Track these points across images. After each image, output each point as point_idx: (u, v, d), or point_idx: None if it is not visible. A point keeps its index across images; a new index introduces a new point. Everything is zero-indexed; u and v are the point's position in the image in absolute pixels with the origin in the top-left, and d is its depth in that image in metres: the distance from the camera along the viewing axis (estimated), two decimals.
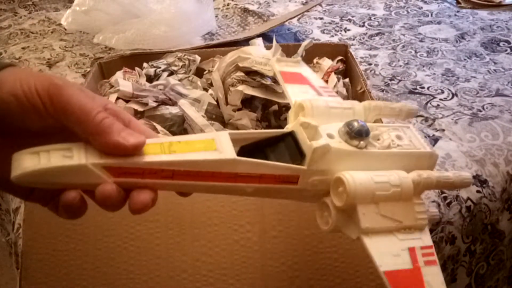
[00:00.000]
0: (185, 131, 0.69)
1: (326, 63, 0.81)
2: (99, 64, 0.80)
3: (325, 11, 1.23)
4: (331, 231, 0.37)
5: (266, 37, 0.95)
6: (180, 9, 1.01)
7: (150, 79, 0.79)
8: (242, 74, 0.71)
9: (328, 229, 0.38)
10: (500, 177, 0.69)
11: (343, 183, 0.36)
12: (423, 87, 0.89)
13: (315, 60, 0.82)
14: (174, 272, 0.51)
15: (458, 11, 1.21)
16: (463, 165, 0.69)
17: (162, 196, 0.34)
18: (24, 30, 1.17)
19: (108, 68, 0.81)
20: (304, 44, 0.78)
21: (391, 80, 0.92)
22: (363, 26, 1.15)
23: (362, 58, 1.00)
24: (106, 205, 0.32)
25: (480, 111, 0.81)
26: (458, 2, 1.26)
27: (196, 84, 0.77)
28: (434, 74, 0.93)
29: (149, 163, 0.32)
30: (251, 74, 0.71)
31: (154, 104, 0.69)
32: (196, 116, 0.66)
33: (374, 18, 1.19)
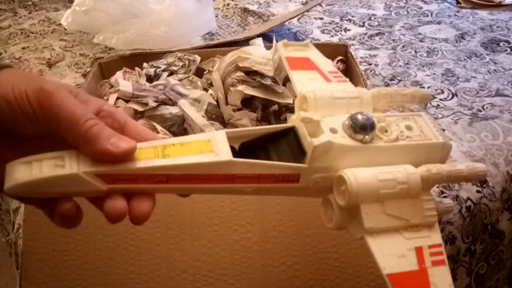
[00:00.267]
0: (185, 131, 0.69)
1: None
2: (99, 64, 0.80)
3: (325, 11, 1.23)
4: (335, 229, 0.36)
5: (266, 37, 0.95)
6: (180, 9, 1.01)
7: (150, 79, 0.78)
8: (242, 74, 0.71)
9: (332, 227, 0.36)
10: (500, 177, 0.69)
11: (345, 182, 0.34)
12: (423, 87, 0.89)
13: None
14: (174, 272, 0.51)
15: (458, 11, 1.21)
16: None
17: (162, 196, 0.34)
18: (24, 30, 1.17)
19: (108, 68, 0.81)
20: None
21: (391, 80, 0.92)
22: (363, 26, 1.15)
23: (362, 58, 1.00)
24: (117, 221, 0.32)
25: (480, 111, 0.81)
26: (458, 2, 1.26)
27: (196, 84, 0.77)
28: (434, 74, 0.93)
29: (141, 169, 0.32)
30: (251, 74, 0.71)
31: (154, 104, 0.69)
32: (196, 116, 0.66)
33: (374, 18, 1.19)
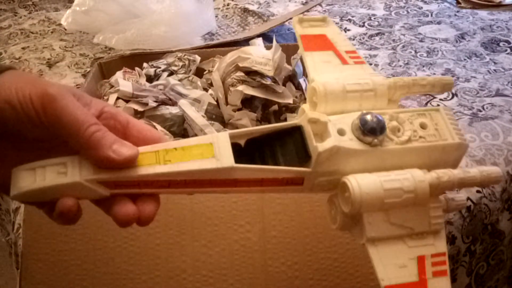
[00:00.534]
0: (185, 131, 0.69)
1: None
2: (99, 64, 0.80)
3: (325, 11, 1.23)
4: (339, 230, 0.36)
5: (266, 37, 0.95)
6: (180, 9, 1.01)
7: (150, 79, 0.78)
8: (242, 74, 0.71)
9: (336, 228, 0.36)
10: None
11: (348, 189, 0.33)
12: None
13: None
14: (174, 272, 0.51)
15: (458, 11, 1.21)
16: (463, 165, 0.69)
17: (162, 196, 0.34)
18: (24, 30, 1.17)
19: (108, 68, 0.81)
20: None
21: None
22: (363, 26, 1.15)
23: None
24: (127, 225, 0.32)
25: (480, 111, 0.81)
26: (458, 2, 1.26)
27: (196, 84, 0.77)
28: (434, 74, 0.93)
29: (143, 175, 0.32)
30: (251, 74, 0.71)
31: (154, 104, 0.69)
32: (196, 116, 0.66)
33: (374, 18, 1.19)
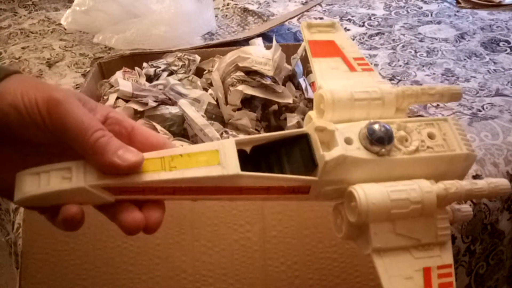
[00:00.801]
0: (185, 131, 0.69)
1: None
2: (99, 64, 0.80)
3: (325, 11, 1.23)
4: (344, 239, 0.35)
5: (266, 37, 0.95)
6: (180, 9, 1.01)
7: (150, 79, 0.78)
8: (242, 74, 0.71)
9: (341, 237, 0.35)
10: (499, 177, 0.69)
11: (355, 199, 0.33)
12: None
13: None
14: (173, 272, 0.51)
15: (458, 11, 1.21)
16: None
17: None
18: (24, 30, 1.17)
19: (108, 68, 0.81)
20: (304, 44, 0.78)
21: (391, 80, 0.91)
22: (363, 26, 1.15)
23: None
24: (134, 233, 0.32)
25: (480, 111, 0.81)
26: (458, 2, 1.26)
27: (196, 84, 0.77)
28: (434, 74, 0.93)
29: (148, 182, 0.31)
30: (251, 74, 0.71)
31: (154, 104, 0.69)
32: (196, 116, 0.66)
33: (374, 18, 1.19)
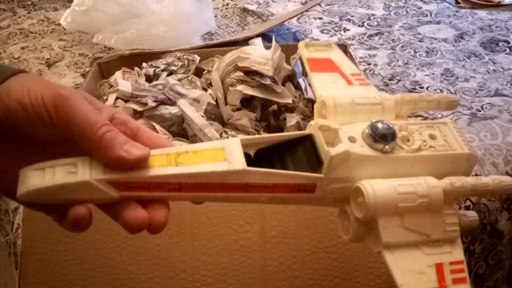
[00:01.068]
0: (184, 131, 0.69)
1: None
2: (98, 64, 0.80)
3: (324, 11, 1.23)
4: (352, 241, 0.35)
5: (266, 37, 0.95)
6: (179, 9, 1.01)
7: (149, 79, 0.78)
8: (242, 74, 0.71)
9: (349, 238, 0.35)
10: None
11: (362, 194, 0.33)
12: (422, 87, 0.89)
13: None
14: (173, 272, 0.51)
15: (457, 11, 1.21)
16: None
17: None
18: (23, 30, 1.17)
19: (107, 68, 0.81)
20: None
21: (390, 80, 0.92)
22: (362, 26, 1.15)
23: (361, 58, 1.00)
24: (138, 231, 0.32)
25: (479, 111, 0.81)
26: (457, 2, 1.26)
27: (196, 84, 0.77)
28: (433, 74, 0.93)
29: (154, 177, 0.31)
30: (251, 74, 0.71)
31: (153, 104, 0.69)
32: (195, 116, 0.66)
33: (373, 18, 1.19)
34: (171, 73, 0.80)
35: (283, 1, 1.29)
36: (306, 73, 0.82)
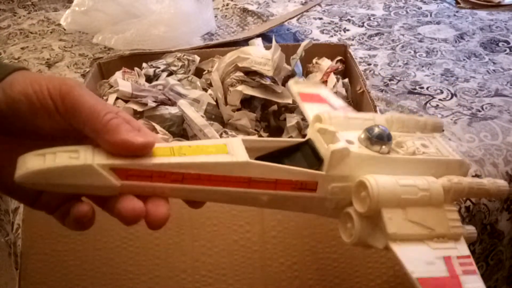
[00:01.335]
0: (184, 131, 0.69)
1: (325, 63, 0.81)
2: (98, 64, 0.80)
3: (324, 11, 1.23)
4: (355, 243, 0.35)
5: (266, 37, 0.95)
6: (179, 9, 1.01)
7: (149, 79, 0.78)
8: (242, 74, 0.71)
9: (352, 241, 0.35)
10: (499, 177, 0.70)
11: (365, 186, 0.34)
12: (422, 87, 0.89)
13: (314, 60, 0.82)
14: (173, 272, 0.51)
15: (457, 11, 1.21)
16: None
17: None
18: (23, 30, 1.17)
19: (107, 68, 0.81)
20: (303, 44, 0.78)
21: (390, 80, 0.92)
22: (363, 26, 1.15)
23: (361, 58, 1.00)
24: (133, 222, 0.32)
25: (479, 111, 0.81)
26: (457, 2, 1.26)
27: (196, 84, 0.77)
28: (433, 74, 0.93)
29: (158, 164, 0.31)
30: (251, 74, 0.71)
31: (154, 104, 0.69)
32: (195, 116, 0.66)
33: (374, 18, 1.19)
34: (171, 73, 0.80)
35: (283, 1, 1.29)
36: (306, 73, 0.82)
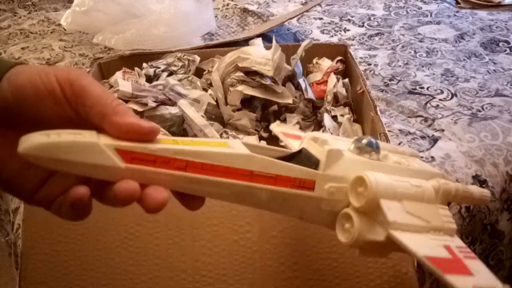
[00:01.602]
0: (184, 131, 0.69)
1: (326, 63, 0.81)
2: (98, 64, 0.80)
3: (324, 11, 1.23)
4: (355, 240, 0.35)
5: (266, 37, 0.95)
6: (179, 9, 1.01)
7: (149, 79, 0.79)
8: (242, 74, 0.71)
9: (352, 238, 0.35)
10: (499, 177, 0.70)
11: (363, 181, 0.35)
12: (422, 87, 0.89)
13: (314, 60, 0.82)
14: (173, 272, 0.51)
15: (457, 11, 1.21)
16: (463, 165, 0.69)
17: None
18: (23, 30, 1.17)
19: (107, 68, 0.81)
20: (303, 44, 0.78)
21: (390, 80, 0.92)
22: (363, 26, 1.15)
23: (361, 58, 1.00)
24: (125, 203, 0.31)
25: (480, 111, 0.81)
26: (457, 2, 1.26)
27: (196, 84, 0.77)
28: (434, 74, 0.93)
29: (163, 149, 0.31)
30: (251, 74, 0.71)
31: (154, 104, 0.69)
32: (196, 116, 0.66)
33: (374, 18, 1.19)
34: (171, 73, 0.80)
35: (283, 1, 1.29)
36: (306, 73, 0.82)
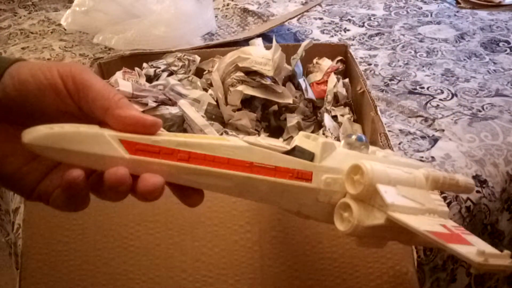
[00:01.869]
0: (184, 131, 0.69)
1: (326, 63, 0.81)
2: (98, 64, 0.80)
3: (324, 11, 1.23)
4: (353, 229, 0.36)
5: (266, 37, 0.95)
6: (179, 9, 1.01)
7: (149, 79, 0.79)
8: (242, 74, 0.71)
9: (351, 227, 0.36)
10: (499, 177, 0.70)
11: (359, 168, 0.36)
12: (422, 87, 0.89)
13: (314, 60, 0.82)
14: (173, 272, 0.51)
15: (457, 11, 1.21)
16: (463, 165, 0.69)
17: (162, 197, 0.34)
18: (23, 30, 1.17)
19: (107, 68, 0.81)
20: (303, 44, 0.78)
21: (390, 80, 0.92)
22: (363, 26, 1.15)
23: (361, 58, 1.00)
24: (116, 190, 0.31)
25: (480, 111, 0.81)
26: (457, 2, 1.26)
27: (196, 84, 0.77)
28: (434, 74, 0.93)
29: (166, 140, 0.32)
30: (251, 74, 0.71)
31: (154, 104, 0.69)
32: (196, 116, 0.66)
33: (374, 18, 1.19)
34: (171, 73, 0.80)
35: (283, 1, 1.29)
36: (306, 73, 0.82)
